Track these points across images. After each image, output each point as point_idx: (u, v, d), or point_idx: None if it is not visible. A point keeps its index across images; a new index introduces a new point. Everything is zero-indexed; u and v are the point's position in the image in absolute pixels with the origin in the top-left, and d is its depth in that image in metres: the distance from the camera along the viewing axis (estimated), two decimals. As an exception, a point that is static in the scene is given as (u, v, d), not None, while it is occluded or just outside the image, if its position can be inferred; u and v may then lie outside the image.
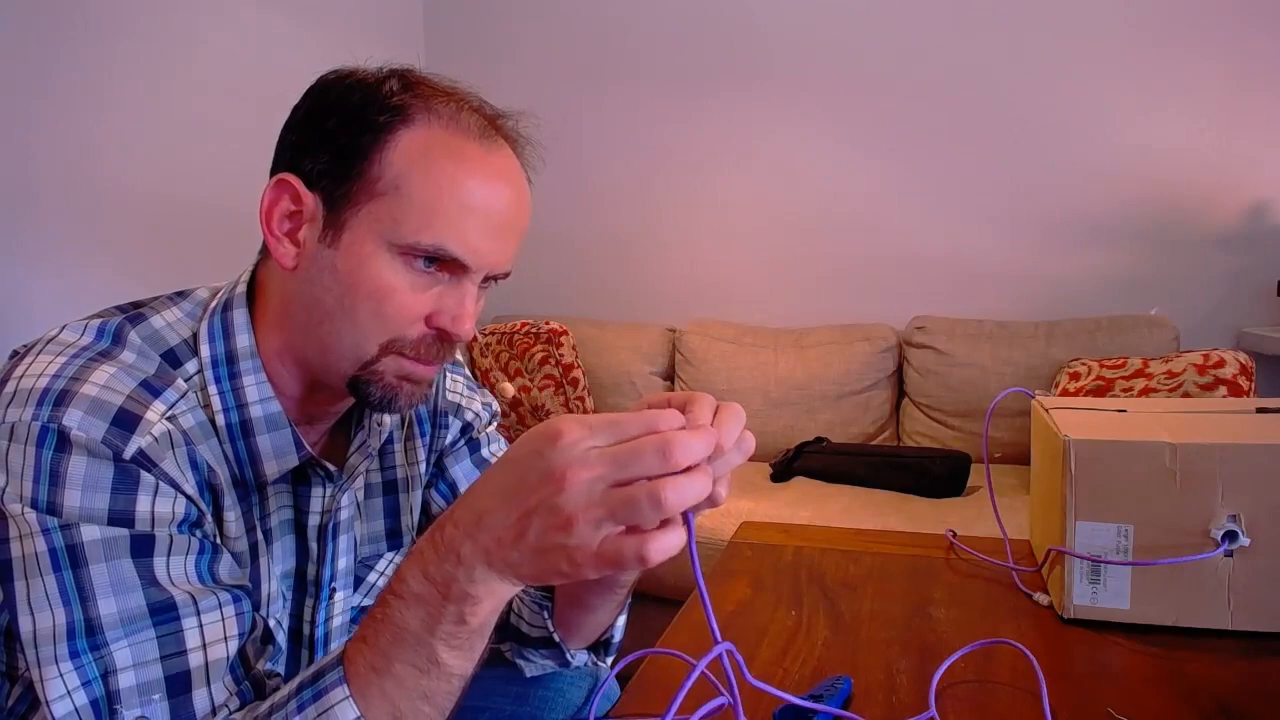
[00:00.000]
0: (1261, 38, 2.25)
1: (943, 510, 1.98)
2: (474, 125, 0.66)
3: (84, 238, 1.93)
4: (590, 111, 2.90)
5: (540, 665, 0.85)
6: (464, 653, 0.52)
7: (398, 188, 0.63)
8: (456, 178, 0.64)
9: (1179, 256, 2.39)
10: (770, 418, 2.52)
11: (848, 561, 1.04)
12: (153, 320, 0.67)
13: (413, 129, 0.64)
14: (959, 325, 2.45)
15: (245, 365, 0.68)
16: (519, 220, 0.68)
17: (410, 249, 0.63)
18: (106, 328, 0.64)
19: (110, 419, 0.58)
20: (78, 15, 1.88)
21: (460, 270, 0.66)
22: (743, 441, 0.53)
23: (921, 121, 2.56)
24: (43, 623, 0.55)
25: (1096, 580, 0.83)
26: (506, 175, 0.67)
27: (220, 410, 0.66)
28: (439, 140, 0.64)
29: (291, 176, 0.66)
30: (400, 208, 0.63)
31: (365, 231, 0.64)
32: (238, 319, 0.68)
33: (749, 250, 2.80)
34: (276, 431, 0.68)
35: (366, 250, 0.64)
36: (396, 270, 0.64)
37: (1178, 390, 1.95)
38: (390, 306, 0.64)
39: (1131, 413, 0.92)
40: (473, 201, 0.64)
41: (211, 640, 0.58)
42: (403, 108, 0.64)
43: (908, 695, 0.72)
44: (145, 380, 0.62)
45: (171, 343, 0.67)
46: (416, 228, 0.63)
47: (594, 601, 0.75)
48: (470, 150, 0.65)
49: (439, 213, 0.63)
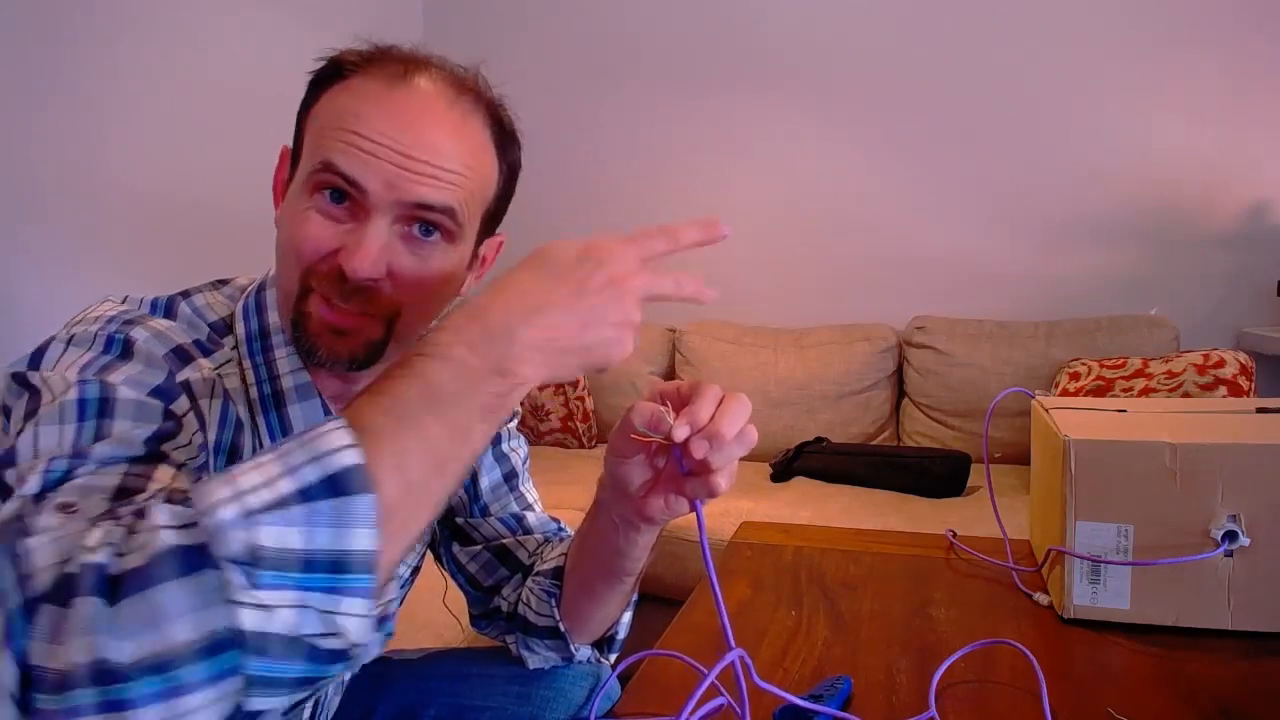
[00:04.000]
0: (1261, 38, 2.25)
1: (943, 510, 1.98)
2: (391, 72, 0.66)
3: (85, 237, 1.93)
4: (590, 111, 2.90)
5: (544, 657, 0.85)
6: (488, 428, 0.51)
7: (315, 126, 0.66)
8: (351, 104, 0.65)
9: (1179, 256, 2.39)
10: (770, 418, 2.52)
11: (848, 561, 1.04)
12: (195, 299, 0.71)
13: (345, 82, 0.66)
14: (959, 325, 2.45)
15: (277, 339, 0.70)
16: (432, 143, 0.64)
17: (311, 178, 0.64)
18: (159, 301, 0.69)
19: (171, 348, 0.63)
20: (79, 16, 1.88)
21: (364, 202, 0.63)
22: (744, 435, 0.53)
23: (922, 122, 2.56)
24: (46, 441, 0.52)
25: (1096, 580, 0.83)
26: (410, 100, 0.64)
27: (254, 383, 0.69)
28: (361, 82, 0.66)
29: (287, 147, 0.71)
30: (310, 140, 0.66)
31: (296, 182, 0.67)
32: (269, 297, 0.72)
33: (749, 250, 2.80)
34: (306, 402, 0.71)
35: (292, 196, 0.66)
36: (310, 209, 0.65)
37: (1178, 390, 1.95)
38: (299, 236, 0.65)
39: (1131, 413, 0.93)
40: (362, 122, 0.63)
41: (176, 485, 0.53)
42: (342, 69, 0.67)
43: (908, 695, 0.72)
44: (197, 339, 0.67)
45: (212, 320, 0.70)
46: (313, 155, 0.65)
47: (602, 590, 0.75)
48: (374, 85, 0.65)
49: (329, 134, 0.64)
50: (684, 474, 0.57)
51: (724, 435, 0.52)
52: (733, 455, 0.54)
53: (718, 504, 2.04)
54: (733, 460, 0.54)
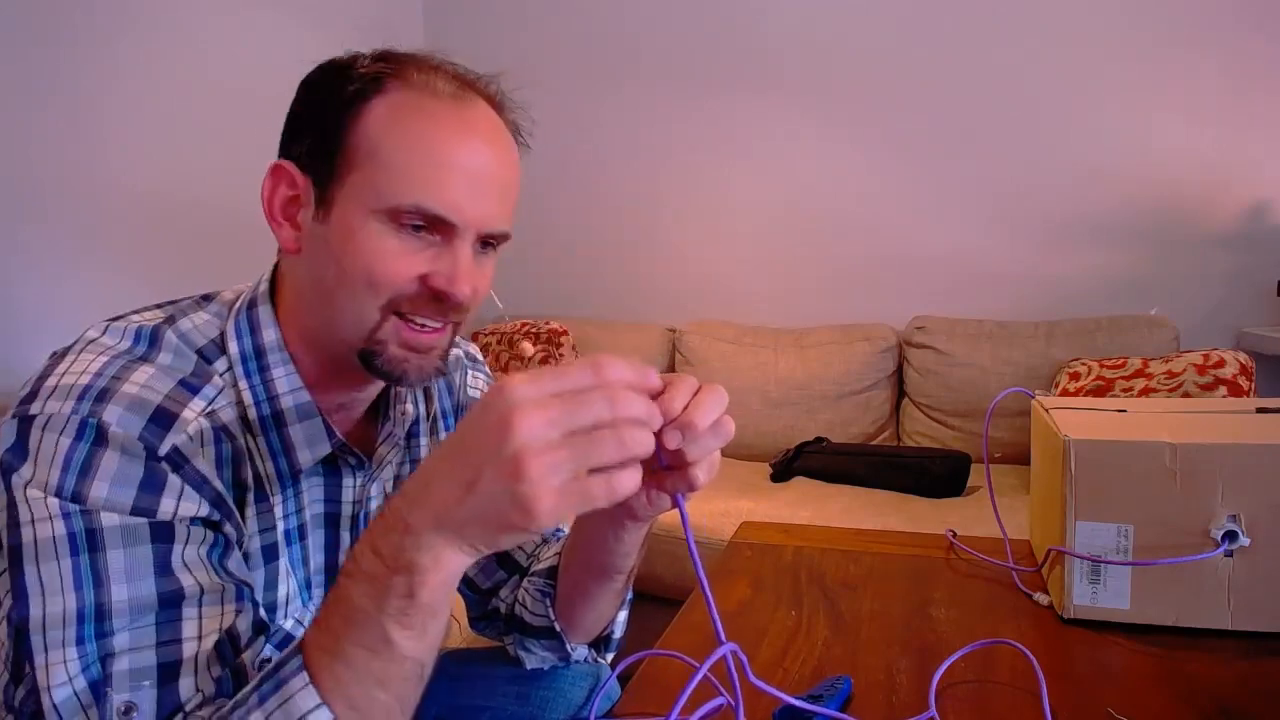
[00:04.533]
0: (1261, 38, 2.25)
1: (943, 510, 1.98)
2: (446, 85, 0.67)
3: (85, 237, 1.93)
4: (591, 111, 2.90)
5: (541, 658, 0.85)
6: (415, 633, 0.50)
7: (374, 155, 0.64)
8: (427, 134, 0.64)
9: (1179, 256, 2.39)
10: (770, 418, 2.52)
11: (848, 561, 1.04)
12: (181, 324, 0.69)
13: (385, 96, 0.65)
14: (959, 325, 2.45)
15: (274, 358, 0.69)
16: (501, 174, 0.68)
17: (393, 211, 0.64)
18: (143, 331, 0.66)
19: (148, 416, 0.60)
20: (79, 16, 1.88)
21: (449, 230, 0.66)
22: (720, 426, 0.53)
23: (922, 122, 2.56)
24: (53, 608, 0.55)
25: (1096, 580, 0.83)
26: (480, 129, 0.67)
27: (252, 404, 0.68)
28: (410, 102, 0.65)
29: (285, 162, 0.68)
30: (378, 173, 0.64)
31: (351, 203, 0.65)
32: (262, 314, 0.70)
33: (749, 250, 2.80)
34: (308, 420, 0.70)
35: (354, 221, 0.65)
36: (384, 235, 0.64)
37: (1178, 390, 1.95)
38: (381, 270, 0.64)
39: (1131, 413, 0.92)
40: (446, 157, 0.65)
41: (208, 631, 0.58)
42: (375, 77, 0.66)
43: (908, 695, 0.72)
44: (183, 379, 0.64)
45: (200, 344, 0.68)
46: (396, 190, 0.64)
47: (594, 589, 0.75)
48: (441, 109, 0.66)
49: (414, 171, 0.64)
50: (664, 468, 0.57)
51: (697, 426, 0.51)
52: (708, 447, 0.53)
53: (718, 504, 2.04)
54: (709, 452, 0.53)
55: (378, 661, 0.50)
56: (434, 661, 0.53)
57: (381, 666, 0.50)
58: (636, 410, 0.48)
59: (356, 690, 0.50)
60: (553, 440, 0.46)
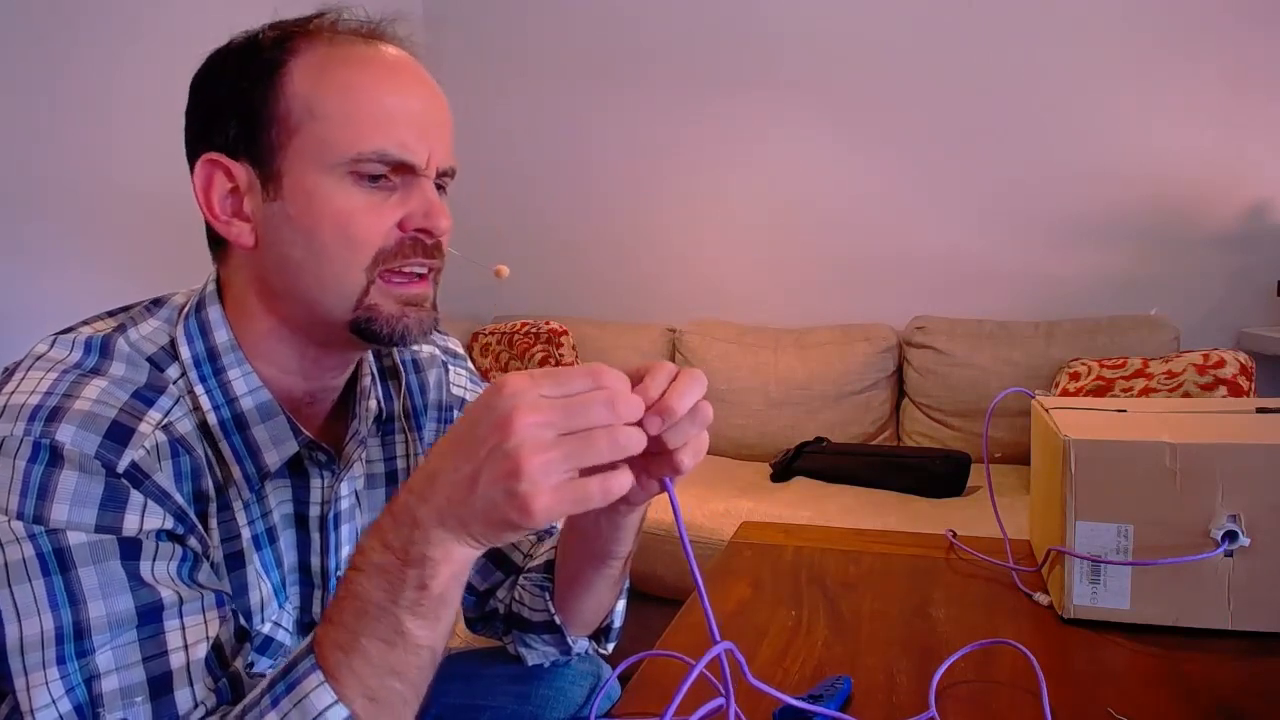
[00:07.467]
0: (1261, 38, 2.25)
1: (943, 510, 1.98)
2: (355, 34, 0.67)
3: (85, 237, 1.93)
4: (590, 111, 2.90)
5: (542, 653, 0.85)
6: (429, 622, 0.51)
7: (311, 111, 0.63)
8: (356, 81, 0.64)
9: (1179, 256, 2.39)
10: (770, 418, 2.53)
11: (848, 561, 1.04)
12: (130, 332, 0.66)
13: (300, 56, 0.65)
14: (959, 325, 2.45)
15: (228, 359, 0.67)
16: (439, 110, 0.68)
17: (353, 161, 0.63)
18: (93, 342, 0.64)
19: (104, 433, 0.58)
20: (82, 17, 1.88)
21: (409, 171, 0.65)
22: (698, 412, 0.53)
23: (922, 121, 2.56)
24: (30, 629, 0.54)
25: (1096, 580, 0.83)
26: (406, 70, 0.67)
27: (210, 409, 0.66)
28: (329, 54, 0.65)
29: (215, 154, 0.65)
30: (321, 129, 0.63)
31: (301, 168, 0.63)
32: (212, 316, 0.68)
33: (749, 250, 2.80)
34: (271, 420, 0.68)
35: (310, 183, 0.63)
36: (350, 193, 0.64)
37: (1178, 390, 1.95)
38: (355, 228, 0.64)
39: (1131, 413, 0.93)
40: (386, 100, 0.64)
41: (193, 641, 0.58)
42: (281, 40, 0.65)
43: (908, 695, 0.72)
44: (137, 391, 0.62)
45: (150, 351, 0.66)
46: (347, 137, 0.63)
47: (592, 577, 0.75)
48: (361, 55, 0.65)
49: (361, 117, 0.63)
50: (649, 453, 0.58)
51: (675, 410, 0.51)
52: (688, 432, 0.53)
53: (718, 504, 2.05)
54: (689, 436, 0.54)
55: (394, 652, 0.51)
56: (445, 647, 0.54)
57: (397, 657, 0.51)
58: (633, 413, 0.49)
59: (374, 682, 0.51)
60: (550, 440, 0.47)
